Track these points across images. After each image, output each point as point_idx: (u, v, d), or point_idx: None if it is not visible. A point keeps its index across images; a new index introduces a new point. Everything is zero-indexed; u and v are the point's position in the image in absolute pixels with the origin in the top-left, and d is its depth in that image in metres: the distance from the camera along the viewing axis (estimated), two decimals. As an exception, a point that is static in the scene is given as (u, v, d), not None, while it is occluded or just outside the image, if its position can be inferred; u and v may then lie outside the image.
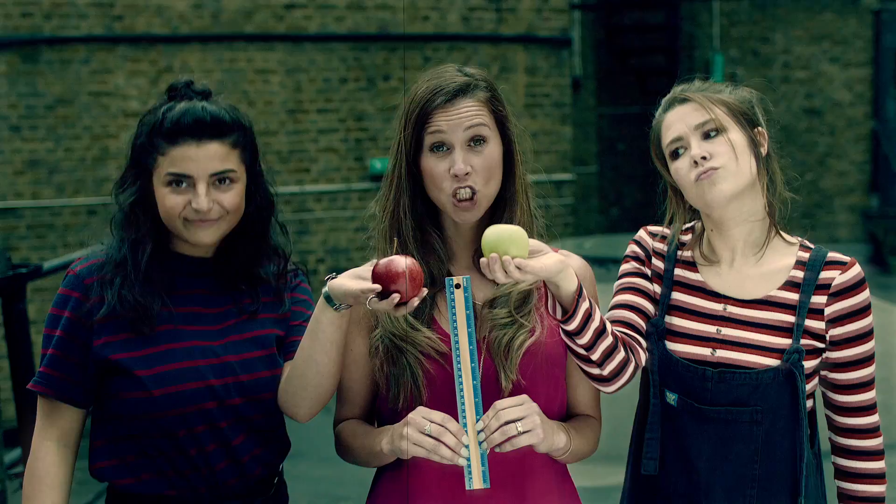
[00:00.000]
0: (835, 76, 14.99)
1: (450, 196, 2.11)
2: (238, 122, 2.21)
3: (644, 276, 2.34)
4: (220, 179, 2.16)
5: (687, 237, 2.36)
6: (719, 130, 2.20)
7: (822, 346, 2.22)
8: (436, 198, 2.14)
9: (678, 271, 2.33)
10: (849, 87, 15.02)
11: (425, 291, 1.98)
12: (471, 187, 2.10)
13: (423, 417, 1.98)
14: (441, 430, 1.95)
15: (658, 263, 2.35)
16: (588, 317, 2.03)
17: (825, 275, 2.21)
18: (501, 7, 11.33)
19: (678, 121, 2.23)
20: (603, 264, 7.26)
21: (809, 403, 2.26)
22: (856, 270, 2.23)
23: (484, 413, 1.98)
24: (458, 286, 2.00)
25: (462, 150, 2.10)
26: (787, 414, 2.18)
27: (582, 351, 2.07)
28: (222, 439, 2.20)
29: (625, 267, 2.37)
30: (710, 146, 2.19)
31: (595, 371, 2.12)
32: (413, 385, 2.10)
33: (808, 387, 2.23)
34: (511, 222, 2.16)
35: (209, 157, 2.14)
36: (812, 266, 2.23)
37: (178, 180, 2.14)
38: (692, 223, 2.37)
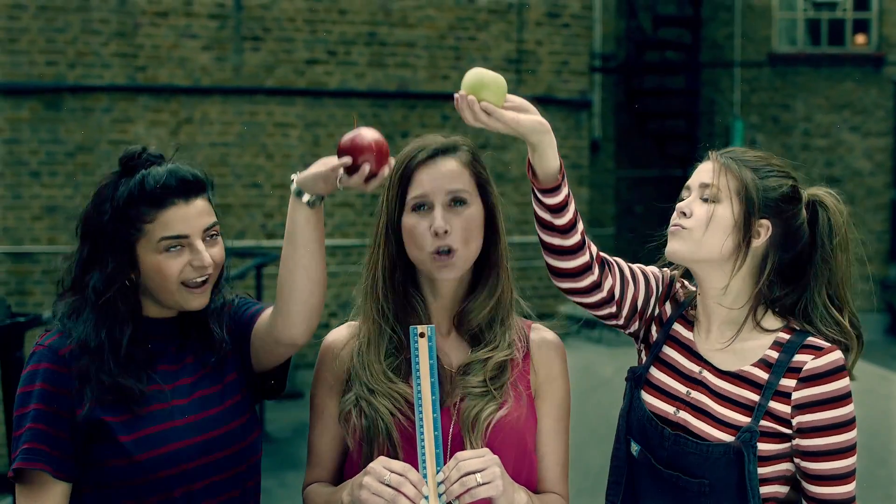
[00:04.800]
0: (855, 145, 15.00)
1: (429, 253, 2.11)
2: (207, 178, 2.22)
3: (652, 279, 2.32)
4: (210, 234, 2.17)
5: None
6: (712, 198, 2.19)
7: (786, 431, 2.13)
8: (415, 257, 2.14)
9: (676, 326, 2.31)
10: (869, 156, 15.01)
11: (393, 162, 2.03)
12: (449, 245, 2.10)
13: (383, 467, 1.96)
14: (401, 479, 1.93)
15: (667, 309, 2.34)
16: (568, 199, 2.11)
17: (798, 358, 2.13)
18: (521, 68, 11.41)
19: (697, 173, 2.25)
20: (614, 328, 7.22)
21: (772, 489, 2.18)
22: (832, 357, 2.12)
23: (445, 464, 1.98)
24: (422, 335, 2.00)
25: (442, 209, 2.11)
26: (735, 494, 2.13)
27: (551, 220, 2.14)
28: (203, 498, 2.18)
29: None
30: (696, 206, 2.20)
31: (558, 241, 2.17)
32: (388, 443, 2.08)
33: (767, 471, 2.15)
34: (494, 288, 2.18)
35: (199, 213, 2.14)
36: (788, 349, 2.16)
37: (174, 244, 2.12)
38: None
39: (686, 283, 2.38)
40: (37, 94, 10.16)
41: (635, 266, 2.34)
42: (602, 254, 2.26)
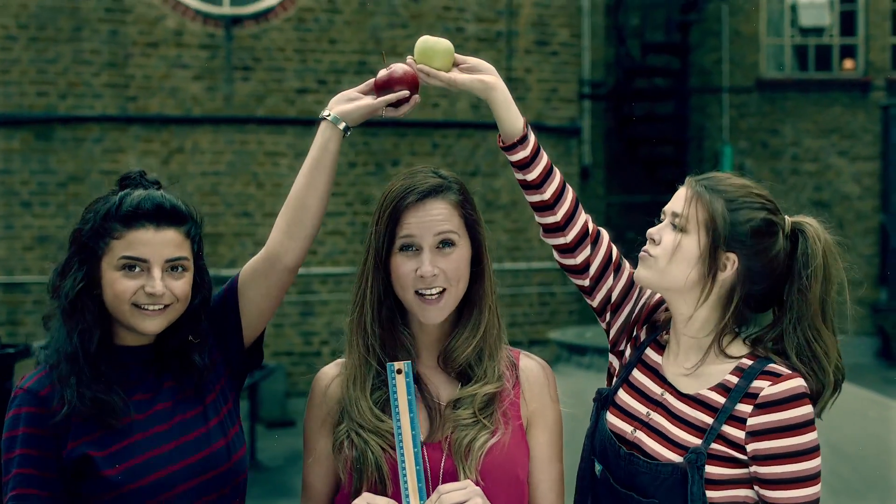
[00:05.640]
0: (843, 169, 15.07)
1: (415, 296, 2.14)
2: (191, 214, 2.25)
3: (631, 287, 2.36)
4: (174, 267, 2.18)
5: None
6: (679, 227, 2.19)
7: (740, 456, 2.10)
8: (402, 296, 2.18)
9: (648, 350, 2.33)
10: (857, 180, 15.09)
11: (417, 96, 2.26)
12: (442, 286, 2.14)
13: (367, 503, 2.00)
14: None
15: (642, 334, 2.36)
16: (536, 153, 2.24)
17: (756, 384, 2.11)
18: (511, 95, 11.46)
19: (674, 199, 2.25)
20: (605, 354, 7.21)
21: None
22: (790, 385, 2.08)
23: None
24: (398, 371, 2.03)
25: (430, 253, 2.14)
26: None
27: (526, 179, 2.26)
28: None
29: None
30: (665, 233, 2.20)
31: (535, 197, 2.28)
32: (377, 477, 2.10)
33: (720, 495, 2.12)
34: (478, 326, 2.21)
35: (165, 242, 2.17)
36: (747, 374, 2.13)
37: (132, 265, 2.15)
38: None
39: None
40: (28, 124, 10.18)
41: (632, 271, 2.34)
42: (603, 235, 2.33)
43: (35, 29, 10.21)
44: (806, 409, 2.08)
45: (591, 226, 2.33)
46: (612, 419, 2.28)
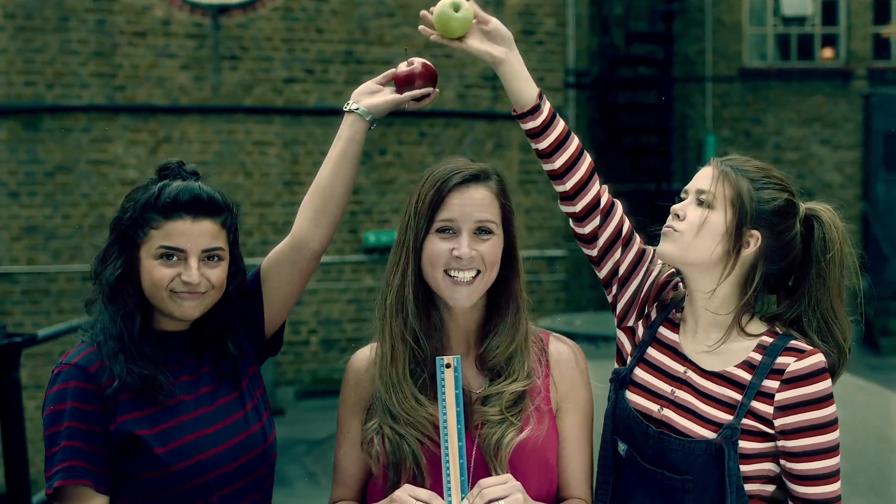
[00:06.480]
0: (825, 158, 15.19)
1: (444, 275, 2.16)
2: (228, 204, 2.30)
3: (649, 266, 2.40)
4: (210, 256, 2.24)
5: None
6: (706, 203, 2.25)
7: (769, 431, 2.18)
8: (431, 276, 2.18)
9: (661, 329, 2.37)
10: (839, 168, 15.21)
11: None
12: (476, 269, 2.16)
13: (409, 495, 2.01)
14: None
15: (652, 313, 2.40)
16: (547, 124, 2.28)
17: (781, 360, 2.18)
18: (497, 85, 11.51)
19: (697, 177, 2.30)
20: (594, 341, 7.21)
21: (756, 487, 2.23)
22: (814, 360, 2.17)
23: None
24: (448, 366, 2.05)
25: (468, 236, 2.16)
26: (716, 491, 2.18)
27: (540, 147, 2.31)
28: (237, 500, 2.26)
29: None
30: (690, 210, 2.26)
31: (546, 165, 2.33)
32: (415, 469, 2.12)
33: (749, 469, 2.20)
34: (515, 325, 2.24)
35: (202, 233, 2.23)
36: (771, 351, 2.21)
37: (170, 254, 2.21)
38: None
39: (682, 286, 2.42)
40: (15, 114, 10.16)
41: (642, 246, 2.40)
42: (616, 208, 2.38)
43: (22, 18, 10.18)
44: (828, 383, 2.17)
45: (604, 198, 2.36)
46: (634, 398, 2.31)
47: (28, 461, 4.06)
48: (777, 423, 2.17)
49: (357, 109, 2.37)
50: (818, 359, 2.18)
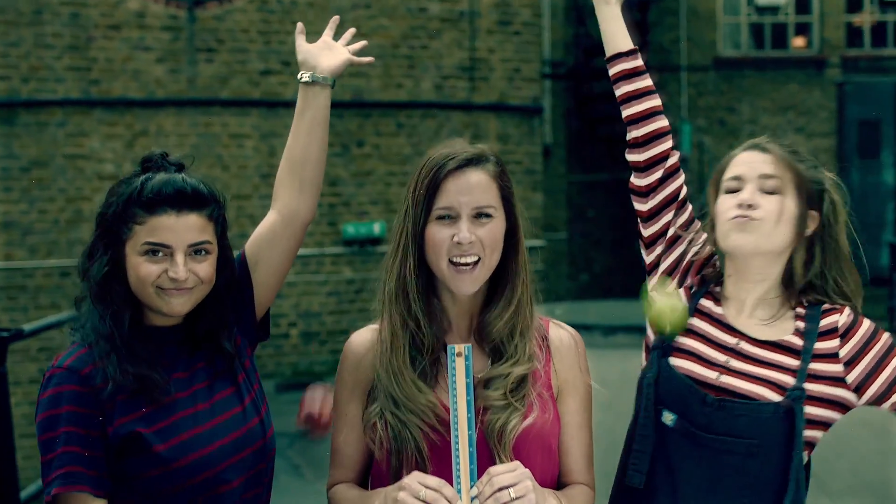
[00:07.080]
0: (800, 146, 15.28)
1: (448, 264, 2.14)
2: (214, 196, 2.25)
3: (694, 230, 2.44)
4: (197, 250, 2.18)
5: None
6: (778, 191, 2.26)
7: (835, 391, 2.23)
8: (436, 265, 2.16)
9: (704, 301, 2.38)
10: (814, 156, 15.19)
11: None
12: (477, 255, 2.14)
13: (418, 482, 1.99)
14: (436, 495, 1.97)
15: (693, 282, 2.43)
16: (631, 73, 2.45)
17: (825, 321, 2.25)
18: (474, 76, 11.53)
19: (748, 163, 2.31)
20: (577, 329, 7.29)
21: (809, 433, 2.26)
22: (849, 310, 2.28)
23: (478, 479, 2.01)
24: (459, 354, 2.04)
25: (468, 221, 2.14)
26: (782, 452, 2.19)
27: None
28: (238, 496, 2.23)
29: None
30: (763, 199, 2.25)
31: (627, 111, 2.47)
32: (418, 457, 2.11)
33: (810, 434, 2.24)
34: (511, 299, 2.20)
35: (188, 227, 2.16)
36: (810, 318, 2.27)
37: (155, 250, 2.15)
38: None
39: (718, 264, 2.44)
40: (-10, 109, 10.09)
41: (693, 214, 2.46)
42: (679, 174, 2.45)
43: (-4, 12, 10.12)
44: (869, 321, 2.28)
45: (672, 159, 2.44)
46: (682, 364, 2.30)
47: (15, 449, 4.02)
48: (850, 377, 2.23)
49: (322, 79, 2.47)
50: (851, 308, 2.29)
